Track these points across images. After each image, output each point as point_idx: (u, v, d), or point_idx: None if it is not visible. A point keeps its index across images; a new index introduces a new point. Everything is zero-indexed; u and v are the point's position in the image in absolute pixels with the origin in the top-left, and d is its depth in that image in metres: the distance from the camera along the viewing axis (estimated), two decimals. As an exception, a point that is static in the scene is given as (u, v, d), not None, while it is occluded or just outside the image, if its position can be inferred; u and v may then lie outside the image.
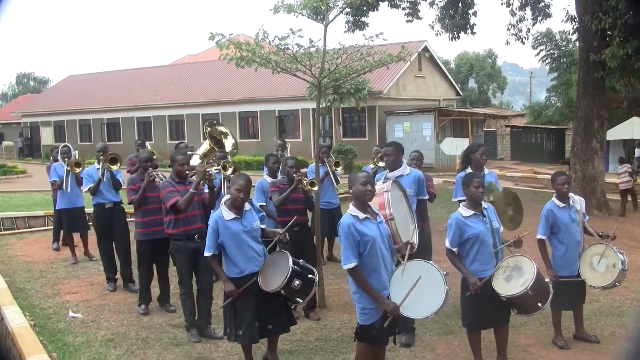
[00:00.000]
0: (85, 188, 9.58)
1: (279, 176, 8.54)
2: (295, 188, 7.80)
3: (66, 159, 10.70)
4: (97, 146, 9.96)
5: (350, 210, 5.11)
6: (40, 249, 12.01)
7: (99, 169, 9.40)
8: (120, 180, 9.50)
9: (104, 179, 9.33)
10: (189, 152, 10.15)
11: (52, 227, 12.62)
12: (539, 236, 6.78)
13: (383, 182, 6.02)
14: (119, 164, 9.32)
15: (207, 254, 6.04)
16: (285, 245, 6.21)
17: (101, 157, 9.38)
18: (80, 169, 10.34)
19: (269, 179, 8.42)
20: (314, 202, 8.30)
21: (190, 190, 7.05)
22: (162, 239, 7.75)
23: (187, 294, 7.19)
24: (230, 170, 8.57)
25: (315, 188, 7.92)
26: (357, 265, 4.99)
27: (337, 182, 10.44)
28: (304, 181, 7.96)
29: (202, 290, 7.31)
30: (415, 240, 5.53)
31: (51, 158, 11.85)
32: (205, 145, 10.38)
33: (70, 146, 11.38)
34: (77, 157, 10.93)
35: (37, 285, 9.54)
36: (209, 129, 10.50)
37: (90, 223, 11.12)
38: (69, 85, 49.54)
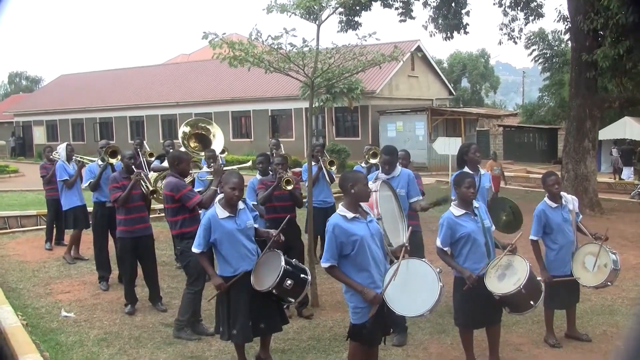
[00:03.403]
0: (85, 184, 9.60)
1: (271, 175, 8.52)
2: (278, 185, 7.80)
3: (74, 157, 10.76)
4: (99, 143, 10.03)
5: (339, 210, 5.14)
6: (32, 249, 11.97)
7: (100, 165, 9.44)
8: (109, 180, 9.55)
9: (103, 171, 9.35)
10: (171, 151, 10.19)
11: (44, 226, 12.58)
12: (531, 237, 6.80)
13: (373, 182, 6.04)
14: (119, 157, 9.35)
15: (196, 250, 6.03)
16: (275, 243, 6.22)
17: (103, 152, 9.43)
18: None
19: (260, 178, 8.42)
20: (301, 199, 8.26)
21: (212, 187, 7.18)
22: (145, 236, 8.06)
23: (199, 292, 7.18)
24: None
25: (289, 187, 7.85)
26: (333, 265, 5.06)
27: (333, 180, 10.41)
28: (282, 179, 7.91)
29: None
30: (405, 240, 5.53)
31: (44, 158, 11.79)
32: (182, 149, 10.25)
33: (72, 145, 11.35)
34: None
35: (29, 284, 9.51)
36: (185, 130, 10.31)
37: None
38: (62, 85, 49.33)
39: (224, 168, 7.62)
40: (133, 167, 8.26)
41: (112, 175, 8.39)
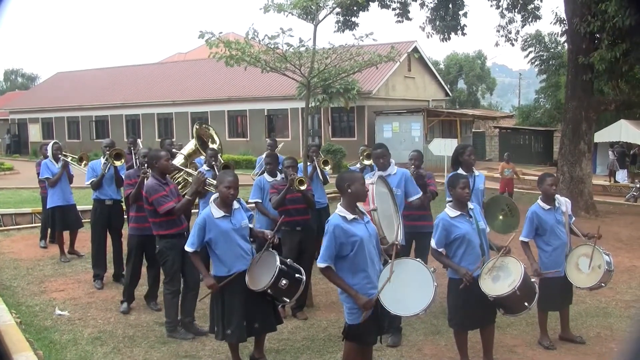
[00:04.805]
0: (87, 182, 9.54)
1: (279, 176, 8.46)
2: (290, 188, 7.74)
3: (60, 155, 10.67)
4: (103, 142, 9.97)
5: (339, 211, 5.11)
6: (27, 247, 11.96)
7: (104, 163, 9.41)
8: (123, 177, 9.53)
9: (106, 172, 9.32)
10: (173, 150, 10.13)
11: (39, 224, 12.56)
12: (522, 238, 6.82)
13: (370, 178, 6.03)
14: (122, 160, 9.30)
15: (189, 249, 6.00)
16: (274, 245, 6.21)
17: (107, 152, 9.39)
18: (84, 163, 10.33)
19: (269, 178, 8.39)
20: (313, 200, 8.17)
21: (187, 197, 7.05)
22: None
23: (176, 292, 7.16)
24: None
25: (303, 187, 7.79)
26: (329, 266, 5.04)
27: (326, 181, 10.37)
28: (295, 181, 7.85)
29: (192, 286, 7.27)
30: (400, 239, 5.52)
31: (40, 155, 11.77)
32: (191, 146, 10.25)
33: (60, 143, 11.30)
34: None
35: (23, 282, 9.49)
36: (197, 127, 10.36)
37: (87, 220, 11.02)
38: (58, 82, 49.16)
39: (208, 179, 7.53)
40: (145, 165, 8.21)
41: (127, 173, 8.45)
